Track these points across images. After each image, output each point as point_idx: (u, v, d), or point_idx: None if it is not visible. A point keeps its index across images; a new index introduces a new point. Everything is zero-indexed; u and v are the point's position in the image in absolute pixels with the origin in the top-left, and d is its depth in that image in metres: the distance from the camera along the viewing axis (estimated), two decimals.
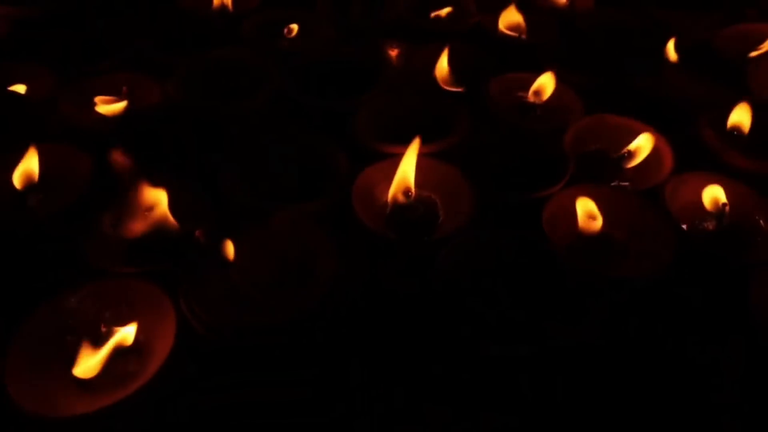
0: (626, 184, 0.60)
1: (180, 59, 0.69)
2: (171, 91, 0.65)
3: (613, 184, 0.59)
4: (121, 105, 0.63)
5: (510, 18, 0.78)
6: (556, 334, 0.43)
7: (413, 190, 0.53)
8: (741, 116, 0.60)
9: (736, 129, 0.60)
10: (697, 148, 0.61)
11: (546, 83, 0.64)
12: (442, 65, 0.69)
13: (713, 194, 0.55)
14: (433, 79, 0.69)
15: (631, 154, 0.59)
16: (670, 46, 0.72)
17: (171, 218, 0.50)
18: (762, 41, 0.73)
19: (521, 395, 0.44)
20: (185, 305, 0.43)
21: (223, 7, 0.80)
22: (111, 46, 0.72)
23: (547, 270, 0.48)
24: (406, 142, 0.59)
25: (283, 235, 0.48)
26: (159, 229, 0.50)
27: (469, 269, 0.48)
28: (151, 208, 0.51)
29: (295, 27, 0.76)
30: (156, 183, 0.51)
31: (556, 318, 0.45)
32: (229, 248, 0.46)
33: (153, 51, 0.71)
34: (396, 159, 0.55)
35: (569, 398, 0.45)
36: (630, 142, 0.60)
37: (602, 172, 0.60)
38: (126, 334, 0.43)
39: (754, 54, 0.73)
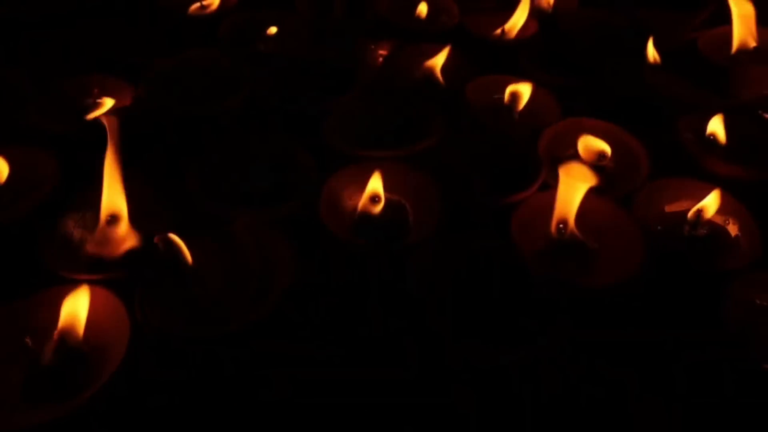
0: (602, 189, 0.59)
1: (153, 61, 0.68)
2: (142, 93, 0.64)
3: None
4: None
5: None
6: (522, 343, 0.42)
7: (382, 195, 0.52)
8: (717, 126, 0.58)
9: (714, 135, 0.59)
10: (676, 152, 0.60)
11: (522, 91, 0.63)
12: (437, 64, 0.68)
13: (707, 204, 0.54)
14: (420, 79, 0.68)
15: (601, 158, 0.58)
16: (650, 47, 0.71)
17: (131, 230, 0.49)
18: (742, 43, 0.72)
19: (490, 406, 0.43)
20: (139, 313, 0.43)
21: (203, 7, 0.79)
22: (83, 47, 0.71)
23: (514, 277, 0.47)
24: (380, 146, 0.59)
25: (244, 241, 0.47)
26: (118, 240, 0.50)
27: (436, 276, 0.47)
28: (112, 217, 0.50)
29: (273, 28, 0.75)
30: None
31: (522, 327, 0.44)
32: (187, 255, 0.45)
33: (127, 52, 0.70)
34: (366, 164, 0.55)
35: (537, 410, 0.44)
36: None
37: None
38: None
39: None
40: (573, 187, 0.49)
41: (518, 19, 0.75)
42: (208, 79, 0.68)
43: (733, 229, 0.54)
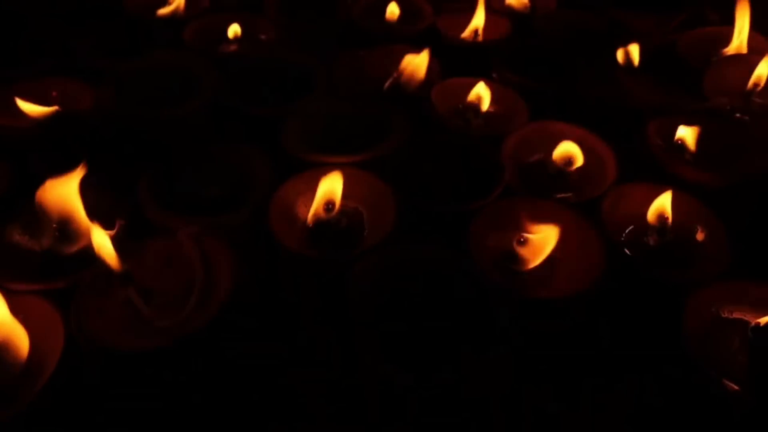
0: (568, 195, 0.57)
1: (115, 63, 0.67)
2: (102, 96, 0.63)
3: (558, 196, 0.56)
4: (48, 109, 0.61)
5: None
6: (466, 361, 0.40)
7: (337, 203, 0.50)
8: (685, 131, 0.57)
9: (682, 140, 0.57)
10: (644, 157, 0.58)
11: (481, 92, 0.61)
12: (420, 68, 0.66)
13: (660, 206, 0.52)
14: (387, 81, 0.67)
15: (565, 162, 0.56)
16: (626, 49, 0.69)
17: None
18: (723, 46, 0.70)
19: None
20: (74, 323, 0.41)
21: (172, 9, 0.78)
22: (44, 48, 0.70)
23: (467, 289, 0.45)
24: (340, 152, 0.57)
25: (187, 251, 0.46)
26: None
27: (383, 287, 0.45)
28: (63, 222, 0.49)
29: (238, 30, 0.74)
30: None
31: (471, 342, 0.42)
32: (116, 262, 0.43)
33: (89, 55, 0.69)
34: (323, 169, 0.53)
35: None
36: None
37: (542, 182, 0.57)
38: None
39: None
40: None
41: (478, 20, 0.73)
42: (170, 82, 0.66)
43: (700, 237, 0.52)
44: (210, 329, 0.40)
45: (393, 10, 0.76)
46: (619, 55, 0.67)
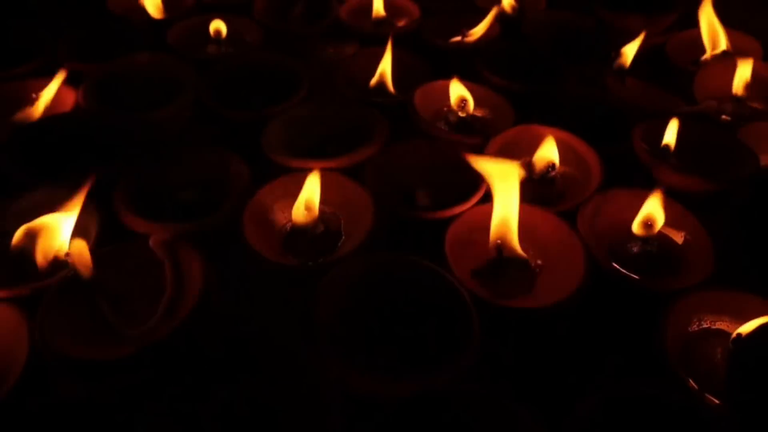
0: (553, 201, 0.56)
1: (97, 66, 0.66)
2: (81, 99, 0.62)
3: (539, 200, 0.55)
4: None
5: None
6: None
7: (315, 208, 0.49)
8: (671, 134, 0.55)
9: (668, 145, 0.56)
10: (632, 162, 0.57)
11: (464, 93, 0.60)
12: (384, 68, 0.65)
13: (647, 212, 0.51)
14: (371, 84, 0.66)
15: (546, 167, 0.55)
16: (616, 51, 0.68)
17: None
18: (713, 48, 0.69)
19: None
20: (38, 331, 0.40)
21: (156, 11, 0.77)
22: (27, 50, 0.69)
23: (442, 298, 0.44)
24: (321, 156, 0.56)
25: (159, 257, 0.45)
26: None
27: (353, 297, 0.44)
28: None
29: (223, 31, 0.73)
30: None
31: (443, 353, 0.41)
32: (88, 269, 0.42)
33: (71, 57, 0.68)
34: (297, 174, 0.52)
35: None
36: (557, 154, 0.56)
37: (525, 187, 0.56)
38: None
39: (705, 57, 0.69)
40: (509, 193, 0.46)
41: (482, 27, 0.72)
42: (151, 85, 0.66)
43: (685, 245, 0.51)
44: (175, 338, 0.39)
45: (378, 8, 0.75)
46: (616, 56, 0.66)
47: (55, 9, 0.76)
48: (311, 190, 0.50)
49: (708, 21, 0.68)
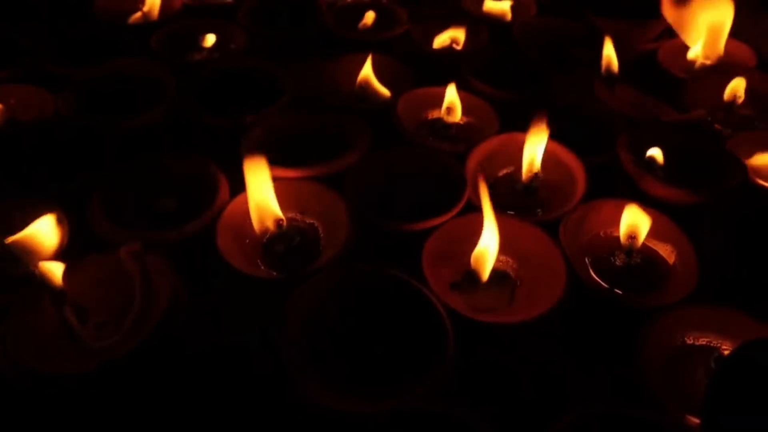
0: (537, 211, 0.55)
1: (78, 70, 0.65)
2: (60, 104, 0.61)
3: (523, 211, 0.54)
4: None
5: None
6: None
7: (283, 217, 0.48)
8: (659, 146, 0.54)
9: (655, 155, 0.55)
10: (616, 172, 0.56)
11: (453, 100, 0.59)
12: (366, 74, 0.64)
13: (630, 224, 0.50)
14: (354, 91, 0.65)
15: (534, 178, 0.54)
16: (608, 58, 0.66)
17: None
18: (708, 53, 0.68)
19: None
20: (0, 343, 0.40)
21: (143, 15, 0.77)
22: (8, 54, 0.69)
23: (418, 312, 0.43)
24: (302, 164, 0.55)
25: (129, 268, 0.44)
26: None
27: (325, 312, 0.43)
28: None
29: (211, 37, 0.72)
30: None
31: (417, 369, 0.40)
32: (58, 282, 0.41)
33: (53, 61, 0.68)
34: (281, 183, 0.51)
35: None
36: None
37: (508, 198, 0.55)
38: None
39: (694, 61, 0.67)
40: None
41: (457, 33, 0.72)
42: (133, 90, 0.65)
43: (670, 258, 0.50)
44: (141, 353, 0.39)
45: (369, 16, 0.74)
46: (603, 63, 0.65)
47: (39, 13, 0.75)
48: (266, 200, 0.49)
49: (714, 23, 0.66)
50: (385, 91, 0.63)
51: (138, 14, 0.77)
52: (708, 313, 0.44)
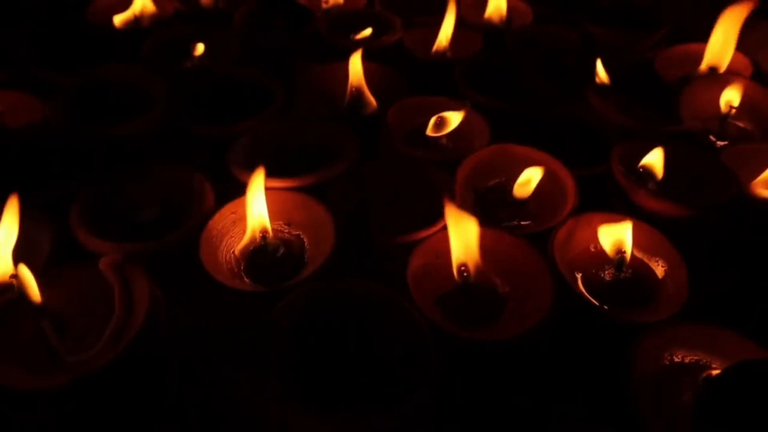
0: (527, 223, 0.54)
1: (68, 77, 0.65)
2: (48, 112, 0.61)
3: (512, 223, 0.54)
4: None
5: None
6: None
7: (269, 229, 0.48)
8: (651, 157, 0.53)
9: (647, 168, 0.54)
10: (607, 184, 0.55)
11: (451, 118, 0.59)
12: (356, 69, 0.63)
13: (618, 239, 0.49)
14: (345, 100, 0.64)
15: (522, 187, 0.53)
16: (600, 67, 0.66)
17: None
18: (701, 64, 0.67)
19: None
20: None
21: (135, 20, 0.76)
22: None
23: (400, 329, 0.42)
24: (287, 174, 0.54)
25: (109, 279, 0.44)
26: None
27: (306, 327, 0.42)
28: None
29: (200, 46, 0.72)
30: None
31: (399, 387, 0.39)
32: (44, 294, 0.41)
33: (43, 67, 0.67)
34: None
35: None
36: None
37: (497, 210, 0.54)
38: None
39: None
40: (464, 226, 0.44)
41: (446, 33, 0.70)
42: (122, 98, 0.64)
43: (660, 273, 0.49)
44: (119, 365, 0.38)
45: (366, 33, 0.74)
46: (596, 72, 0.64)
47: (31, 19, 0.74)
48: (259, 212, 0.48)
49: (726, 34, 0.64)
50: (373, 101, 0.62)
51: (128, 14, 0.76)
52: (697, 331, 0.43)
